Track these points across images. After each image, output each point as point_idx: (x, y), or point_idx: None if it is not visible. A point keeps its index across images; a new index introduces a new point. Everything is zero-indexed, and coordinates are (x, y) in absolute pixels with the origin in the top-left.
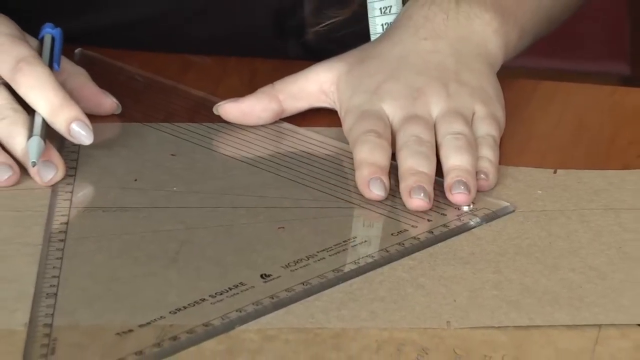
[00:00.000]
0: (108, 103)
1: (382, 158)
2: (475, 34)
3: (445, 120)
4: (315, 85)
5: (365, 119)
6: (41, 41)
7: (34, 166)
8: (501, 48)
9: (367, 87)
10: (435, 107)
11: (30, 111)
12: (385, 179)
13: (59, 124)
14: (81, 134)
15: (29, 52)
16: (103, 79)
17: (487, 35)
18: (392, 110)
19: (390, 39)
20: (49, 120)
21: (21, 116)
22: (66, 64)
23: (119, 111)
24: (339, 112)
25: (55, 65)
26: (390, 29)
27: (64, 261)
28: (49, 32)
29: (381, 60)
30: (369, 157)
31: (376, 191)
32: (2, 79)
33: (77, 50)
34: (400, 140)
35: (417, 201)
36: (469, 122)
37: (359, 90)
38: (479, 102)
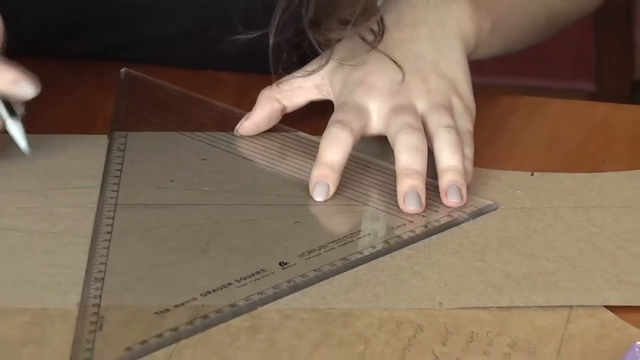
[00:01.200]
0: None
1: (339, 152)
2: (452, 18)
3: (435, 112)
4: (310, 81)
5: (344, 111)
6: None
7: (29, 154)
8: (474, 33)
9: (354, 79)
10: (419, 101)
11: None
12: (334, 181)
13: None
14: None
15: None
16: (145, 95)
17: (463, 20)
18: (377, 104)
19: None
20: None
21: None
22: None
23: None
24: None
25: None
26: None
27: (110, 250)
28: None
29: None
30: (327, 149)
31: (319, 197)
32: None
33: (122, 70)
34: (393, 129)
35: (410, 208)
36: (452, 113)
37: (348, 82)
38: (455, 95)
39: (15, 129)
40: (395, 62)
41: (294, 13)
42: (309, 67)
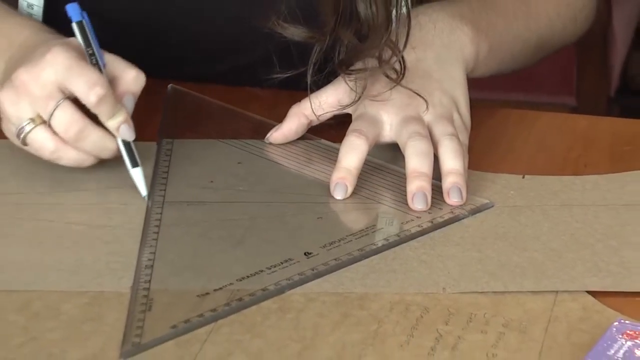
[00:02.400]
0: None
1: (356, 158)
2: (456, 42)
3: (439, 123)
4: (333, 97)
5: (361, 122)
6: (82, 26)
7: (148, 199)
8: (473, 55)
9: (368, 94)
10: (426, 113)
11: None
12: (352, 183)
13: (113, 127)
14: (126, 132)
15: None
16: (188, 107)
17: (465, 44)
18: (389, 116)
19: None
20: (105, 121)
21: (87, 120)
22: (115, 62)
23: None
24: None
25: (100, 63)
26: None
27: (158, 241)
28: (77, 18)
29: (377, 80)
30: (346, 155)
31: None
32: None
33: (169, 86)
34: (403, 137)
35: (418, 206)
36: (454, 124)
37: (363, 96)
38: (455, 110)
39: (138, 176)
40: (420, 95)
41: (327, 55)
42: (338, 95)
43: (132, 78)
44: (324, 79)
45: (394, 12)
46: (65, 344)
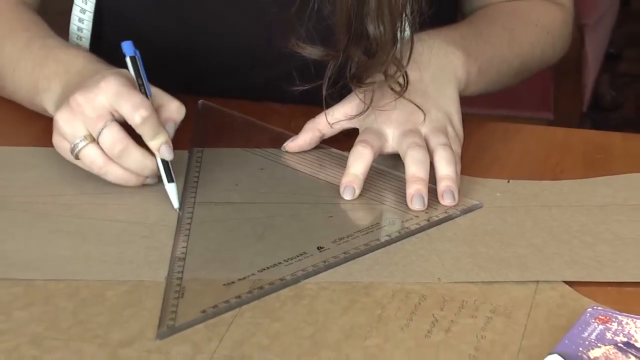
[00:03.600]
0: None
1: (362, 165)
2: (450, 65)
3: (434, 135)
4: (345, 109)
5: (367, 134)
6: (135, 61)
7: (179, 210)
8: (465, 76)
9: (373, 110)
10: (423, 127)
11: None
12: (359, 186)
13: (155, 146)
14: (166, 152)
15: (141, 100)
16: (217, 120)
17: (457, 67)
18: (391, 129)
19: None
20: (148, 141)
21: (131, 140)
22: (161, 94)
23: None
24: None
25: (148, 93)
26: None
27: (190, 237)
28: (130, 53)
29: (383, 93)
30: (354, 162)
31: (347, 197)
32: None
33: (200, 101)
34: (404, 147)
35: (416, 207)
36: (447, 136)
37: (369, 113)
38: (449, 124)
39: (172, 191)
40: (418, 107)
41: (340, 70)
42: (350, 109)
43: (175, 108)
44: (337, 92)
45: (398, 32)
46: (108, 327)
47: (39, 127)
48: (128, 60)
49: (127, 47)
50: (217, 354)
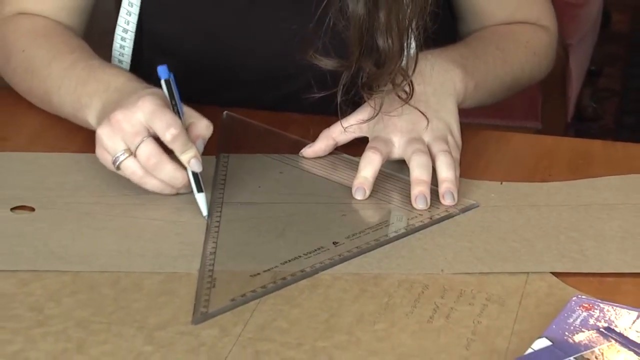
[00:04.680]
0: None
1: (372, 169)
2: (449, 80)
3: (436, 142)
4: (355, 119)
5: (376, 142)
6: (169, 84)
7: (207, 219)
8: (463, 90)
9: (380, 119)
10: (425, 136)
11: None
12: (369, 187)
13: (185, 160)
14: (195, 165)
15: (172, 118)
16: (240, 129)
17: (456, 82)
18: (398, 138)
19: None
20: (179, 155)
21: (164, 155)
22: (192, 113)
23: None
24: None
25: (180, 112)
26: None
27: (219, 234)
28: (165, 77)
29: (391, 101)
30: (364, 166)
31: (358, 197)
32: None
33: (224, 112)
34: (408, 153)
35: (420, 206)
36: (448, 143)
37: (378, 122)
38: (449, 133)
39: (201, 200)
40: (422, 113)
41: (353, 80)
42: (362, 115)
43: (204, 125)
44: (350, 99)
45: (405, 45)
46: (146, 312)
47: (82, 136)
48: (163, 83)
49: (162, 71)
50: (242, 336)
